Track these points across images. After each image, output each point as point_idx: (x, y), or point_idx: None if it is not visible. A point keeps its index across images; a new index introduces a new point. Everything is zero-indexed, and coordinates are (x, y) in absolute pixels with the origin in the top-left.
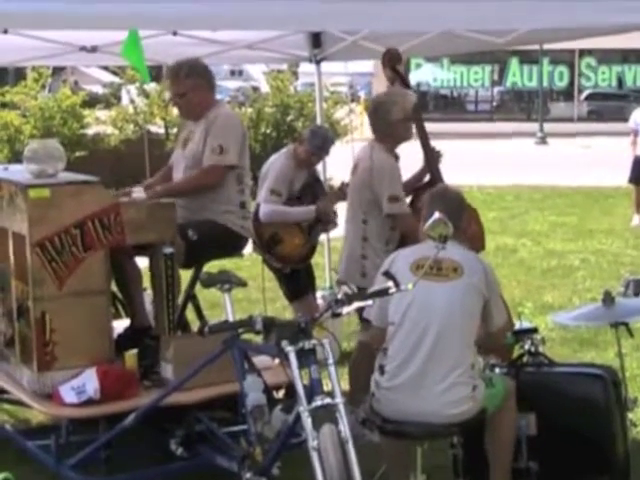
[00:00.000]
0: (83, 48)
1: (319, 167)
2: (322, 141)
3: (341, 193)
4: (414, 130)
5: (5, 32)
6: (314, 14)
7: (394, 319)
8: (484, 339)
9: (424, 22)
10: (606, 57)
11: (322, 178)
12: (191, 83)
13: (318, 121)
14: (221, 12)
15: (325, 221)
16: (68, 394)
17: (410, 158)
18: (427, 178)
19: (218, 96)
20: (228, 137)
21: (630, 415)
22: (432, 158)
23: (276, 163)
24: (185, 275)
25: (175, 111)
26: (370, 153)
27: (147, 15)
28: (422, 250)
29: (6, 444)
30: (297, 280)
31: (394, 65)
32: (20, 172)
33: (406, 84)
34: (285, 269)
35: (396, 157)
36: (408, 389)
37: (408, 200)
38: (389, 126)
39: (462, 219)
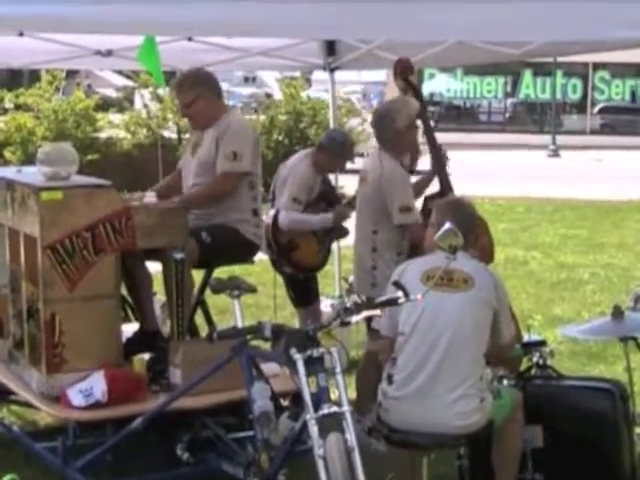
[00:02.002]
0: (98, 52)
1: (330, 175)
2: (342, 147)
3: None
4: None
5: (21, 35)
6: (329, 22)
7: (404, 329)
8: (492, 351)
9: (439, 32)
10: (620, 71)
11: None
12: (196, 92)
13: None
14: (236, 19)
15: (340, 229)
16: (76, 397)
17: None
18: (435, 183)
19: (231, 102)
20: (242, 143)
21: (638, 430)
22: (440, 162)
23: (297, 169)
24: (195, 280)
25: None
26: (379, 162)
27: (163, 21)
28: (433, 261)
29: (13, 445)
30: (309, 287)
31: (406, 76)
32: (33, 174)
33: (418, 95)
34: (298, 276)
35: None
36: (416, 399)
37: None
38: (395, 135)
39: (473, 231)
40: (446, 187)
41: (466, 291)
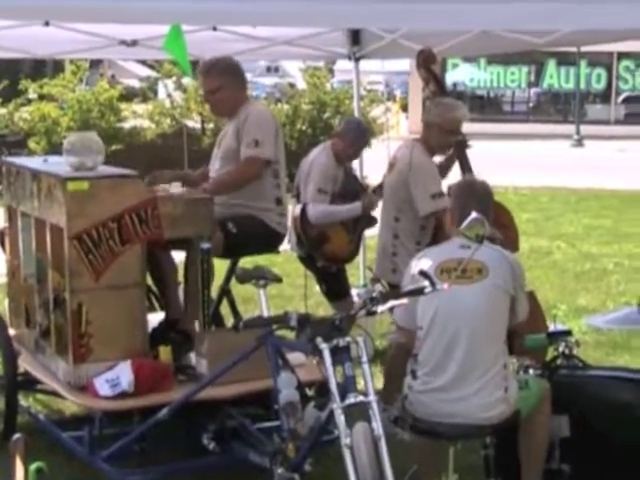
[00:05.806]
0: (123, 42)
1: (355, 165)
2: (360, 132)
3: (381, 191)
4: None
5: (46, 24)
6: (353, 11)
7: (422, 324)
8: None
9: (463, 21)
10: None
11: (358, 176)
12: (223, 81)
13: None
14: (261, 8)
15: (368, 218)
16: (102, 386)
17: None
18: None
19: (254, 93)
20: (263, 132)
21: None
22: (461, 149)
23: (318, 161)
24: (220, 270)
25: None
26: (409, 151)
27: (188, 10)
28: (446, 252)
29: (40, 434)
30: (342, 279)
31: (428, 65)
32: (59, 164)
33: (440, 84)
34: (331, 268)
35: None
36: (441, 394)
37: None
38: (425, 125)
39: (490, 210)
40: (466, 167)
41: (480, 281)
